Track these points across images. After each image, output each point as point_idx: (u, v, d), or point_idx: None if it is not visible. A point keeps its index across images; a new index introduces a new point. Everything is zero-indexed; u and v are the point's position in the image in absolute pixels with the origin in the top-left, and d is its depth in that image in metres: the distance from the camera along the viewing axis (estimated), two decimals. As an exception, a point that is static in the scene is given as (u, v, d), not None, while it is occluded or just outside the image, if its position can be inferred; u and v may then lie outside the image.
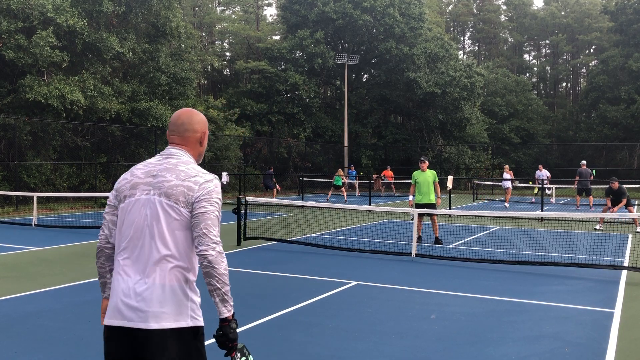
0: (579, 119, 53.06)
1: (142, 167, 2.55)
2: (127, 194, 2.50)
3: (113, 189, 2.59)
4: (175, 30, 25.36)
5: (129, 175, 2.55)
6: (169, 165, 2.51)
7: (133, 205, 2.47)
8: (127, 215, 2.47)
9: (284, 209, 20.07)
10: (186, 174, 2.47)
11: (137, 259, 2.42)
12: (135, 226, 2.44)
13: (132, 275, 2.41)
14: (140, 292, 2.37)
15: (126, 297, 2.38)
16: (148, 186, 2.47)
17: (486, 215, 12.15)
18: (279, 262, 9.40)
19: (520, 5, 64.67)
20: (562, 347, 5.13)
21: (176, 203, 2.42)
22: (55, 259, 9.66)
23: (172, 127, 2.64)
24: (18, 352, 4.87)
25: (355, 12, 36.67)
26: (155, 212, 2.43)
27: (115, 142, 24.45)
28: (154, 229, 2.41)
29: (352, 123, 40.23)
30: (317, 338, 5.32)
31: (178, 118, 2.64)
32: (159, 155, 2.60)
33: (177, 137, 2.61)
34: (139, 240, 2.43)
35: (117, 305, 2.39)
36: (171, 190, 2.43)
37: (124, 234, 2.47)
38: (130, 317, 2.36)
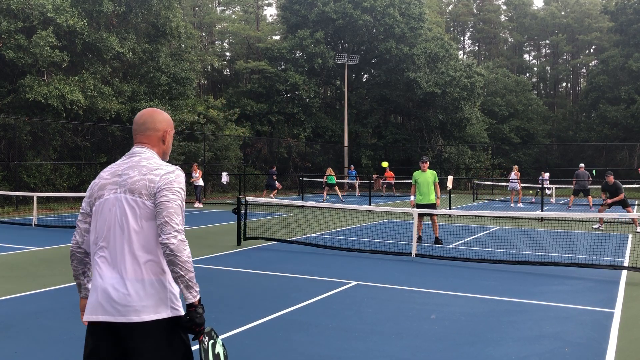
0: (579, 119, 53.08)
1: (108, 169, 2.65)
2: (97, 196, 2.60)
3: (87, 192, 2.67)
4: (175, 30, 25.37)
5: (97, 179, 2.65)
6: (132, 164, 2.58)
7: (103, 205, 2.55)
8: (99, 216, 2.56)
9: (284, 209, 20.07)
10: (148, 169, 2.54)
11: (112, 256, 2.49)
12: (107, 225, 2.52)
13: (110, 272, 2.47)
14: (119, 287, 2.44)
15: (105, 293, 2.44)
16: (114, 185, 2.55)
17: (486, 215, 12.14)
18: (279, 262, 9.40)
19: (520, 5, 64.68)
20: (562, 347, 5.12)
21: (140, 197, 2.48)
22: (55, 259, 9.66)
23: (135, 126, 2.70)
24: (18, 352, 4.87)
25: (355, 12, 36.67)
26: (123, 209, 2.49)
27: (115, 142, 24.45)
28: (124, 226, 2.48)
29: (352, 123, 40.23)
30: (317, 338, 5.32)
31: (140, 117, 2.70)
32: (125, 156, 2.68)
33: (140, 136, 2.67)
34: (111, 238, 2.50)
35: (98, 300, 2.46)
36: (134, 185, 2.50)
37: (99, 234, 2.55)
38: (111, 312, 2.43)
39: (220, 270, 8.65)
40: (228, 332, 5.46)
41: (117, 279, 2.45)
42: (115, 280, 2.45)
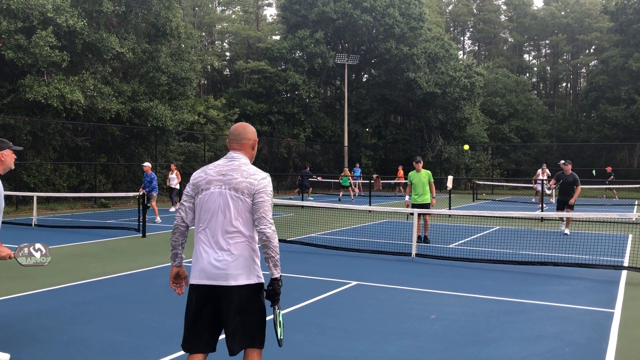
0: (579, 119, 53.07)
1: (213, 168, 3.44)
2: (204, 188, 3.38)
3: (189, 183, 3.46)
4: (175, 30, 25.35)
5: (203, 174, 3.43)
6: (234, 167, 3.40)
7: (209, 196, 3.35)
8: (205, 204, 3.35)
9: (284, 209, 20.07)
10: (248, 173, 3.36)
11: (214, 235, 3.30)
12: (212, 211, 3.32)
13: (212, 247, 3.30)
14: (219, 260, 3.27)
15: (209, 264, 3.27)
16: (220, 182, 3.36)
17: (486, 215, 12.14)
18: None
19: (520, 5, 64.66)
20: (562, 347, 5.12)
21: (242, 194, 3.32)
22: (55, 259, 9.66)
23: (232, 136, 3.53)
24: (18, 352, 4.87)
25: (355, 12, 36.66)
26: (227, 201, 3.32)
27: (115, 142, 24.44)
28: (226, 213, 3.30)
29: (352, 123, 40.22)
30: (317, 338, 5.31)
31: (235, 129, 3.54)
32: (224, 158, 3.49)
33: (236, 144, 3.51)
34: (214, 222, 3.31)
35: (203, 269, 3.29)
36: (238, 185, 3.32)
37: (202, 218, 3.35)
38: (214, 278, 3.26)
39: (220, 270, 8.64)
40: (228, 332, 5.46)
41: (218, 254, 3.28)
42: (217, 255, 3.27)
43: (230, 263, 3.25)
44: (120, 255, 10.08)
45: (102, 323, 5.74)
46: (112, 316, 6.01)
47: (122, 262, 9.29)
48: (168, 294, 7.09)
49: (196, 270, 3.31)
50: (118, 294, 7.03)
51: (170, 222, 15.66)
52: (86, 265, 9.06)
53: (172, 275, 3.53)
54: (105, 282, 7.79)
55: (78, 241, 11.69)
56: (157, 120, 23.83)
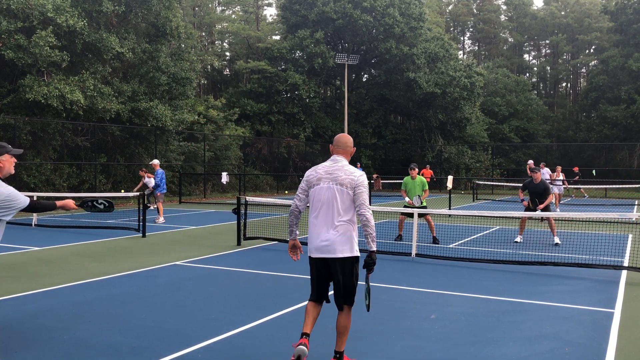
0: (579, 119, 53.07)
1: (321, 168, 4.58)
2: (315, 183, 4.54)
3: (304, 179, 4.64)
4: (175, 30, 25.34)
5: (314, 173, 4.58)
6: (338, 167, 4.52)
7: (320, 190, 4.49)
8: (316, 195, 4.51)
9: (284, 209, 20.06)
10: (349, 172, 4.47)
11: (324, 219, 4.43)
12: (322, 201, 4.46)
13: (323, 229, 4.43)
14: (329, 238, 4.39)
15: (321, 241, 4.41)
16: (328, 179, 4.48)
17: (486, 215, 12.14)
18: (279, 262, 9.40)
19: (520, 5, 64.66)
20: (562, 347, 5.13)
21: (345, 188, 4.42)
22: (55, 259, 9.66)
23: (337, 144, 4.65)
24: (18, 352, 4.87)
25: (355, 12, 36.66)
26: (334, 193, 4.44)
27: (115, 142, 24.44)
28: (332, 203, 4.43)
29: (352, 123, 40.22)
30: (317, 338, 5.31)
31: (341, 138, 4.68)
32: (330, 160, 4.61)
33: (339, 150, 4.63)
34: (323, 210, 4.45)
35: (316, 246, 4.45)
36: (343, 181, 4.44)
37: (314, 206, 4.52)
38: (325, 252, 4.41)
39: (220, 270, 8.65)
40: (228, 332, 5.46)
41: (329, 233, 4.39)
42: (328, 234, 4.40)
43: (336, 240, 4.36)
44: (120, 255, 10.09)
45: (102, 323, 5.74)
46: (112, 316, 6.01)
47: (122, 262, 9.29)
48: (168, 293, 7.09)
49: (312, 247, 4.51)
50: (118, 294, 7.03)
51: (171, 222, 15.65)
52: (86, 265, 9.06)
53: (289, 246, 4.79)
54: (105, 282, 7.79)
55: (78, 241, 11.69)
56: (157, 120, 23.83)
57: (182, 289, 7.33)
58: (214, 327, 5.60)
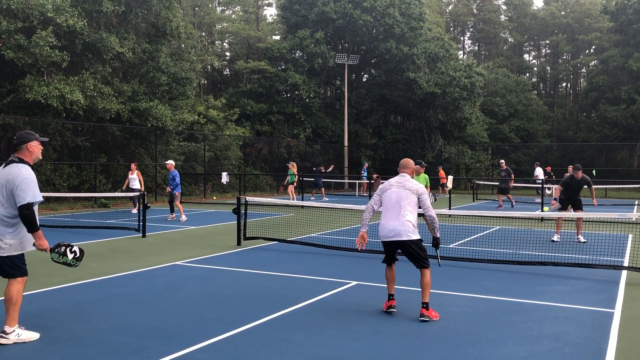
0: (579, 119, 53.05)
1: (394, 180, 6.35)
2: (387, 189, 6.28)
3: (379, 189, 6.41)
4: (175, 30, 25.33)
5: (387, 184, 6.35)
6: (405, 180, 6.29)
7: (391, 194, 6.22)
8: (386, 198, 6.24)
9: (284, 209, 20.07)
10: (414, 182, 6.26)
11: (393, 214, 6.12)
12: (392, 202, 6.17)
13: (392, 221, 6.11)
14: (396, 226, 6.07)
15: (392, 229, 6.10)
16: (398, 186, 6.25)
17: (486, 215, 12.14)
18: (279, 262, 9.40)
19: (520, 5, 64.63)
20: (562, 347, 5.13)
21: (412, 193, 6.18)
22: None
23: (403, 164, 6.47)
24: (18, 352, 4.87)
25: (355, 12, 36.66)
26: (401, 196, 6.15)
27: (115, 142, 24.44)
28: (400, 203, 6.13)
29: (352, 123, 40.22)
30: (317, 338, 5.32)
31: (406, 162, 6.48)
32: (399, 176, 6.38)
33: (404, 170, 6.40)
34: (393, 208, 6.15)
35: (387, 233, 6.15)
36: (410, 188, 6.20)
37: (386, 205, 6.22)
38: (393, 236, 6.11)
39: (220, 270, 8.66)
40: (228, 332, 5.47)
41: (396, 223, 6.08)
42: (395, 223, 6.08)
43: (404, 228, 6.06)
44: (120, 255, 10.09)
45: (102, 323, 5.75)
46: (112, 316, 6.01)
47: (122, 262, 9.30)
48: (168, 293, 7.10)
49: (383, 232, 6.21)
50: (118, 294, 7.03)
51: (171, 222, 15.65)
52: (86, 265, 9.06)
53: (360, 235, 6.36)
54: (105, 282, 7.80)
55: (78, 241, 11.68)
56: (157, 120, 23.82)
57: (182, 289, 7.33)
58: (214, 327, 5.60)
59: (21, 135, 5.15)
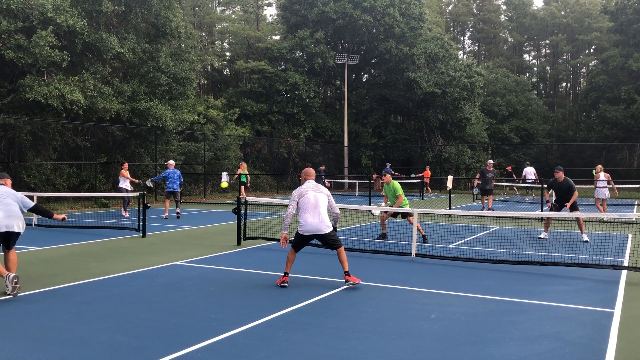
0: (578, 119, 53.05)
1: (307, 185, 7.70)
2: (304, 194, 7.56)
3: (295, 194, 7.62)
4: (175, 30, 25.34)
5: (303, 189, 7.63)
6: (315, 185, 7.71)
7: (308, 197, 7.53)
8: (304, 200, 7.52)
9: (284, 209, 20.06)
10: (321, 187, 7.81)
11: (313, 213, 7.47)
12: (311, 203, 7.51)
13: (312, 219, 7.45)
14: (318, 222, 7.46)
15: (313, 225, 7.44)
16: (313, 190, 7.62)
17: (486, 215, 12.14)
18: (279, 262, 9.40)
19: (520, 5, 64.64)
20: (562, 347, 5.13)
21: (325, 195, 7.68)
22: (55, 259, 9.67)
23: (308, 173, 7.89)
24: (18, 352, 4.87)
25: (355, 12, 36.66)
26: (317, 197, 7.56)
27: (115, 142, 24.44)
28: (317, 204, 7.51)
29: (352, 123, 40.22)
30: (317, 338, 5.32)
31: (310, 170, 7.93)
32: (309, 182, 7.78)
33: (311, 177, 7.91)
34: (312, 208, 7.49)
35: (309, 228, 7.45)
36: (322, 191, 7.69)
37: (304, 208, 7.52)
38: (315, 231, 7.46)
39: (220, 270, 8.66)
40: (228, 332, 5.47)
41: (317, 219, 7.45)
42: (315, 220, 7.44)
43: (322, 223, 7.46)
44: (120, 255, 10.09)
45: (102, 323, 5.75)
46: (112, 316, 6.01)
47: (122, 262, 9.30)
48: (168, 293, 7.10)
49: (304, 228, 7.49)
50: (118, 294, 7.03)
51: (172, 222, 15.65)
52: (86, 265, 9.06)
53: (283, 238, 7.58)
54: (105, 282, 7.80)
55: (78, 241, 11.69)
56: (157, 120, 23.83)
57: (182, 289, 7.33)
58: (214, 327, 5.60)
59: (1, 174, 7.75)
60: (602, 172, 18.75)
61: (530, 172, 27.16)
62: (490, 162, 20.51)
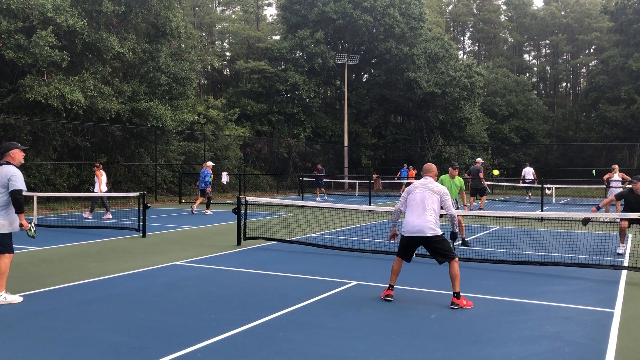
0: (579, 119, 53.05)
1: (418, 182, 6.92)
2: (412, 190, 6.84)
3: (405, 190, 7.01)
4: (175, 30, 25.33)
5: (412, 186, 6.91)
6: (428, 182, 6.87)
7: (415, 195, 6.77)
8: (411, 198, 6.80)
9: (284, 209, 20.07)
10: (436, 184, 6.85)
11: (418, 213, 6.67)
12: (417, 202, 6.72)
13: (417, 219, 6.65)
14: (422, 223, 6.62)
15: (414, 226, 6.64)
16: (422, 188, 6.80)
17: (486, 215, 12.13)
18: (279, 262, 9.40)
19: (520, 5, 64.62)
20: (562, 347, 5.13)
21: (434, 194, 6.76)
22: (55, 259, 9.67)
23: (425, 170, 7.03)
24: (18, 352, 4.87)
25: (355, 12, 36.66)
26: (425, 196, 6.72)
27: (115, 142, 24.44)
28: (425, 202, 6.68)
29: (352, 123, 40.21)
30: (317, 338, 5.32)
31: (429, 167, 7.04)
32: (423, 179, 6.93)
33: (428, 173, 6.97)
34: (418, 206, 6.69)
35: (409, 229, 6.66)
36: (433, 189, 6.78)
37: (411, 205, 6.76)
38: (416, 232, 6.63)
39: (220, 270, 8.66)
40: (228, 332, 5.47)
41: (420, 220, 6.62)
42: (420, 221, 6.61)
43: (428, 224, 6.59)
44: (120, 255, 10.09)
45: (102, 323, 5.75)
46: (112, 316, 6.01)
47: (122, 262, 9.30)
48: (168, 293, 7.10)
49: (406, 228, 6.71)
50: (118, 294, 7.03)
51: (172, 222, 15.64)
52: (86, 265, 9.06)
53: (391, 234, 7.15)
54: (105, 282, 7.80)
55: (78, 241, 11.69)
56: (157, 120, 23.83)
57: (182, 289, 7.33)
58: (214, 327, 5.60)
59: (5, 145, 6.83)
60: (617, 172, 17.87)
61: (529, 172, 27.33)
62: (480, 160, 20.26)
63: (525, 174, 27.30)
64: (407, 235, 6.67)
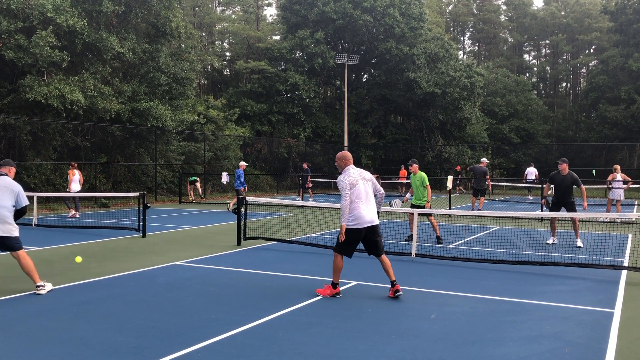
0: (578, 119, 53.07)
1: (355, 173, 6.90)
2: (354, 184, 6.76)
3: (347, 183, 6.72)
4: (175, 30, 25.34)
5: (352, 177, 6.81)
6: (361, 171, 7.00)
7: (359, 187, 6.77)
8: (356, 190, 6.74)
9: (284, 209, 20.07)
10: (366, 172, 7.03)
11: (366, 204, 6.78)
12: (362, 193, 6.77)
13: (366, 208, 6.78)
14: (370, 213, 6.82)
15: (367, 216, 6.76)
16: (361, 179, 6.86)
17: (486, 215, 12.13)
18: (279, 262, 9.40)
19: (520, 5, 64.63)
20: (562, 347, 5.13)
21: (370, 181, 6.96)
22: (55, 259, 9.67)
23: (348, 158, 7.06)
24: (18, 352, 4.87)
25: (355, 12, 36.66)
26: (367, 187, 6.86)
27: (115, 142, 24.44)
28: (369, 193, 6.86)
29: (352, 123, 40.21)
30: (317, 338, 5.32)
31: (349, 154, 7.04)
32: (355, 169, 6.96)
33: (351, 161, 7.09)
34: (365, 198, 6.79)
35: (365, 221, 6.75)
36: (366, 177, 6.95)
37: (358, 197, 6.73)
38: (369, 222, 6.80)
39: (220, 270, 8.66)
40: (228, 332, 5.47)
41: (370, 210, 6.82)
42: (369, 211, 6.79)
43: (374, 214, 6.88)
44: (120, 255, 10.09)
45: (102, 323, 5.75)
46: (112, 316, 6.01)
47: (122, 262, 9.30)
48: (168, 293, 7.10)
49: (359, 221, 6.74)
50: (118, 294, 7.03)
51: (172, 222, 15.65)
52: (86, 265, 9.06)
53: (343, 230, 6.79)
54: (105, 282, 7.80)
55: (78, 241, 11.69)
56: (157, 120, 23.83)
57: (182, 289, 7.33)
58: (214, 327, 5.60)
59: (9, 161, 7.86)
60: (619, 172, 17.55)
61: (531, 172, 27.38)
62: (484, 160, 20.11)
63: (528, 174, 27.35)
64: (362, 227, 6.72)
